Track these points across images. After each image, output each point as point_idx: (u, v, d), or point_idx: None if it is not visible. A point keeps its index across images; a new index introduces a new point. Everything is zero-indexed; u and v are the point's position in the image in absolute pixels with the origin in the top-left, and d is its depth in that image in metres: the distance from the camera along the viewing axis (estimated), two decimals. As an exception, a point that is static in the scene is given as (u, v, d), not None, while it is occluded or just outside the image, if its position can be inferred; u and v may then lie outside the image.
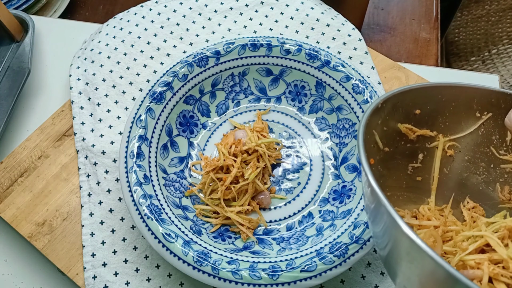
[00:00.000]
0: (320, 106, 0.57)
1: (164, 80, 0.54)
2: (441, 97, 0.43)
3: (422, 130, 0.44)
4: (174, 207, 0.50)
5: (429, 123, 0.44)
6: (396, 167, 0.44)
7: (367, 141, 0.40)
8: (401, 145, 0.44)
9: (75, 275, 0.51)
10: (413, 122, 0.43)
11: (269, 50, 0.57)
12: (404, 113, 0.43)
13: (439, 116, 0.44)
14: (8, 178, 0.57)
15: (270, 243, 0.50)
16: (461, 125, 0.44)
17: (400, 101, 0.42)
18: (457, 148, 0.45)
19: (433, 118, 0.44)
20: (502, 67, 0.96)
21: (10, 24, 0.65)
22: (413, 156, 0.45)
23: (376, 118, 0.40)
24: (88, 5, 0.86)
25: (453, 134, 0.45)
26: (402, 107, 0.42)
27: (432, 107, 0.43)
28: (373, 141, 0.41)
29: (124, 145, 0.50)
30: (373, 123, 0.40)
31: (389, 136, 0.42)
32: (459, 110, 0.44)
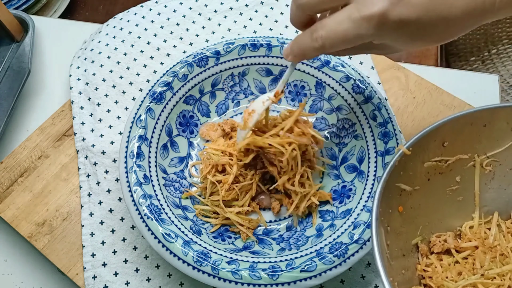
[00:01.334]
0: (320, 106, 0.57)
1: (164, 80, 0.54)
2: (471, 123, 0.43)
3: (454, 157, 0.44)
4: (174, 207, 0.50)
5: (461, 148, 0.44)
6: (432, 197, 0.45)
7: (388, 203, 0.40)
8: (434, 176, 0.44)
9: (75, 275, 0.51)
10: (442, 154, 0.43)
11: (269, 50, 0.57)
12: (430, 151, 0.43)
13: (471, 139, 0.44)
14: (8, 178, 0.57)
15: (270, 243, 0.50)
16: (497, 141, 0.45)
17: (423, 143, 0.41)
18: (497, 162, 0.46)
19: (464, 143, 0.44)
20: (501, 67, 0.96)
21: (10, 24, 0.65)
22: (450, 180, 0.45)
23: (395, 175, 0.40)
24: (88, 5, 0.87)
25: (489, 151, 0.45)
26: (427, 147, 0.42)
27: (461, 135, 0.43)
28: (398, 192, 0.41)
29: (124, 145, 0.51)
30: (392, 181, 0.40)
31: (417, 176, 0.42)
32: (492, 129, 0.44)
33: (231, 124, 0.56)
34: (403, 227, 0.42)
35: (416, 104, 0.61)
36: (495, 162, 0.45)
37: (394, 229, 0.40)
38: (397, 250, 0.41)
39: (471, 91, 0.62)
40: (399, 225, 0.41)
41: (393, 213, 0.41)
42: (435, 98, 0.61)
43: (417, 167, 0.42)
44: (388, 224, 0.39)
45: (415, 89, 0.62)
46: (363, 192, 0.50)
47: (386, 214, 0.39)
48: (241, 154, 0.51)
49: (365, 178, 0.50)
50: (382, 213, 0.39)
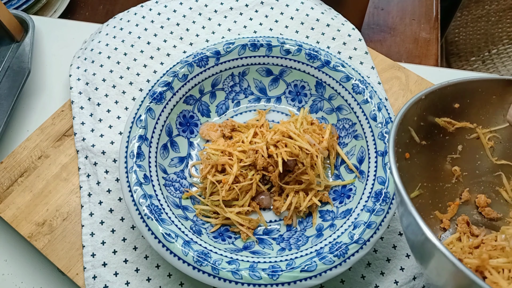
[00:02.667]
0: (320, 106, 0.57)
1: (164, 80, 0.54)
2: (481, 90, 0.44)
3: (461, 122, 0.45)
4: (174, 207, 0.50)
5: (469, 116, 0.45)
6: (434, 158, 0.45)
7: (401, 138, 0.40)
8: (439, 138, 0.45)
9: (75, 275, 0.51)
10: (452, 116, 0.44)
11: (269, 50, 0.57)
12: (442, 108, 0.44)
13: (479, 109, 0.45)
14: (8, 178, 0.57)
15: (270, 243, 0.50)
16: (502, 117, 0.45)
17: (438, 97, 0.42)
18: (498, 139, 0.46)
19: (473, 111, 0.45)
20: (502, 67, 0.96)
21: (10, 24, 0.65)
22: (452, 148, 0.46)
23: (412, 115, 0.41)
24: (88, 5, 0.87)
25: (493, 126, 0.46)
26: (440, 102, 0.43)
27: (472, 100, 0.44)
28: (408, 137, 0.42)
29: (124, 145, 0.50)
30: (409, 120, 0.41)
31: (426, 130, 0.43)
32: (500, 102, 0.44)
33: (231, 125, 0.56)
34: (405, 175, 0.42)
35: (416, 104, 0.61)
36: (497, 138, 0.46)
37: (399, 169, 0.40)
38: None
39: (471, 91, 0.62)
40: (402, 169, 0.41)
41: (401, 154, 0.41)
42: (435, 98, 0.61)
43: (428, 119, 0.43)
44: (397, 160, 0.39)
45: (415, 89, 0.62)
46: (363, 192, 0.50)
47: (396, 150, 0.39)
48: (241, 154, 0.51)
49: (365, 178, 0.50)
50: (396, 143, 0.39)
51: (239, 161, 0.51)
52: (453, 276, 0.30)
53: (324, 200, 0.52)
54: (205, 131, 0.56)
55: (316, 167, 0.51)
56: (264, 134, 0.53)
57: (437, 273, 0.33)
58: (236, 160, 0.51)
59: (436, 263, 0.32)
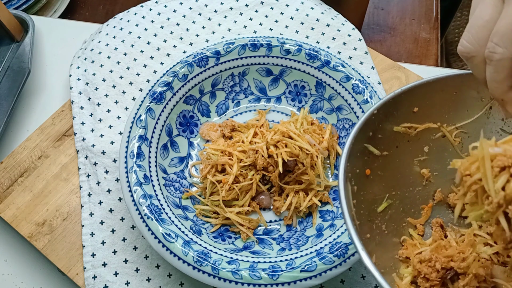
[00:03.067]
0: (320, 106, 0.57)
1: (164, 80, 0.54)
2: (440, 89, 0.42)
3: (424, 124, 0.43)
4: (174, 207, 0.50)
5: (431, 116, 0.43)
6: (400, 165, 0.44)
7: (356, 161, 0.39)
8: (403, 144, 0.43)
9: (75, 275, 0.51)
10: (412, 120, 0.43)
11: (269, 50, 0.57)
12: (400, 115, 0.42)
13: (441, 108, 0.43)
14: (8, 178, 0.57)
15: (270, 243, 0.50)
16: (466, 111, 0.43)
17: (393, 106, 0.41)
18: (465, 134, 0.44)
19: (434, 111, 0.43)
20: (502, 67, 0.96)
21: (10, 24, 0.65)
22: (418, 151, 0.44)
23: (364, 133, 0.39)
24: (88, 5, 0.86)
25: (459, 122, 0.44)
26: (397, 111, 0.41)
27: (432, 101, 0.42)
28: (367, 153, 0.40)
29: (124, 145, 0.50)
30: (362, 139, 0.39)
31: (386, 140, 0.42)
32: (462, 98, 0.42)
33: (231, 125, 0.56)
34: (369, 191, 0.40)
35: (416, 104, 0.61)
36: (464, 134, 0.44)
37: (360, 190, 0.39)
38: (362, 213, 0.39)
39: (471, 91, 0.62)
40: (365, 188, 0.40)
41: (361, 174, 0.39)
42: (435, 98, 0.61)
43: (386, 130, 0.41)
44: (355, 183, 0.38)
45: (415, 89, 0.61)
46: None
47: (353, 173, 0.38)
48: (241, 154, 0.51)
49: (365, 178, 0.50)
50: (350, 169, 0.37)
51: (239, 161, 0.51)
52: None
53: (324, 200, 0.52)
54: (205, 131, 0.56)
55: (316, 167, 0.51)
56: (264, 134, 0.53)
57: None
58: (236, 160, 0.51)
59: None
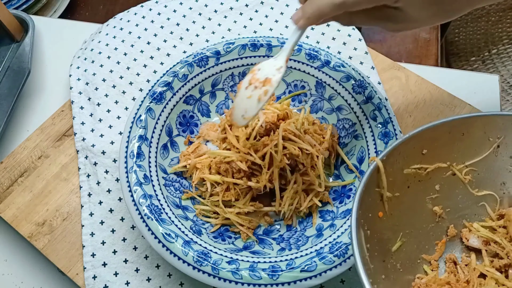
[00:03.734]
0: (320, 106, 0.57)
1: (164, 80, 0.54)
2: (448, 131, 0.43)
3: (434, 165, 0.44)
4: (174, 207, 0.50)
5: (440, 156, 0.44)
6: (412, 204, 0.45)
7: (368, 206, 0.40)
8: (414, 184, 0.44)
9: (75, 275, 0.51)
10: (422, 161, 0.44)
11: (269, 50, 0.57)
12: (410, 158, 0.43)
13: (449, 148, 0.44)
14: (8, 178, 0.57)
15: (270, 243, 0.50)
16: (474, 150, 0.45)
17: (401, 151, 0.42)
18: (475, 171, 0.46)
19: (443, 151, 0.44)
20: (502, 67, 0.96)
21: (10, 24, 0.65)
22: (429, 189, 0.45)
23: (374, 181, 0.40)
24: (88, 5, 0.86)
25: (468, 160, 0.45)
26: (406, 155, 0.42)
27: (440, 143, 0.43)
28: (378, 197, 0.42)
29: (124, 145, 0.50)
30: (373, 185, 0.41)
31: (397, 182, 0.43)
32: (469, 138, 0.44)
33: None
34: (383, 232, 0.42)
35: (416, 104, 0.61)
36: (473, 171, 0.46)
37: (373, 233, 0.40)
38: (377, 255, 0.41)
39: (471, 91, 0.62)
40: (379, 230, 0.41)
41: (373, 217, 0.41)
42: (435, 98, 0.61)
43: (397, 173, 0.42)
44: (368, 227, 0.39)
45: (415, 89, 0.62)
46: None
47: (366, 218, 0.39)
48: (244, 157, 0.51)
49: (365, 178, 0.50)
50: (362, 216, 0.39)
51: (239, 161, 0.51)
52: None
53: (324, 200, 0.52)
54: (205, 131, 0.56)
55: (317, 167, 0.51)
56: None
57: None
58: (236, 160, 0.51)
59: None
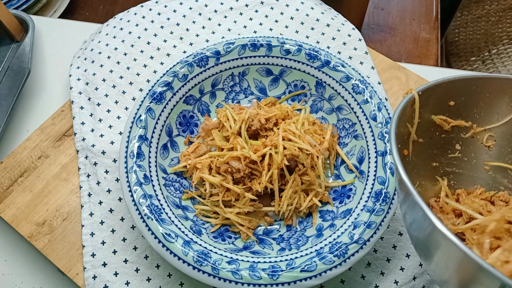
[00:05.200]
0: (320, 106, 0.57)
1: (164, 80, 0.54)
2: (476, 88, 0.44)
3: (457, 120, 0.45)
4: (174, 207, 0.50)
5: (463, 114, 0.45)
6: (431, 157, 0.46)
7: (399, 134, 0.41)
8: (436, 136, 0.45)
9: (75, 275, 0.51)
10: (447, 113, 0.45)
11: (269, 50, 0.57)
12: (438, 105, 0.44)
13: (474, 107, 0.45)
14: (8, 178, 0.57)
15: (270, 243, 0.50)
16: (495, 115, 0.46)
17: (434, 94, 0.43)
18: (492, 137, 0.47)
19: (467, 109, 0.45)
20: (502, 67, 0.96)
21: (10, 24, 0.65)
22: (449, 146, 0.46)
23: (409, 111, 0.41)
24: (88, 5, 0.87)
25: (488, 124, 0.46)
26: (436, 99, 0.43)
27: (467, 98, 0.45)
28: (406, 133, 0.42)
29: (124, 145, 0.51)
30: (406, 116, 0.41)
31: (423, 127, 0.44)
32: (493, 101, 0.45)
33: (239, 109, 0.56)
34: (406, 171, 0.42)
35: (416, 104, 0.61)
36: (491, 137, 0.47)
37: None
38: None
39: (471, 91, 0.62)
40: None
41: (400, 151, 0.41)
42: (435, 98, 0.61)
43: (424, 117, 0.43)
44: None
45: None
46: (363, 192, 0.50)
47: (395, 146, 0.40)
48: (243, 154, 0.51)
49: (365, 178, 0.50)
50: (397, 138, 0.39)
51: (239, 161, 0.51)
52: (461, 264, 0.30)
53: (324, 200, 0.52)
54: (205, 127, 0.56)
55: (317, 168, 0.51)
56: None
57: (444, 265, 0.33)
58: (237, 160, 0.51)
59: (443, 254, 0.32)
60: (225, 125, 0.53)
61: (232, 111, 0.54)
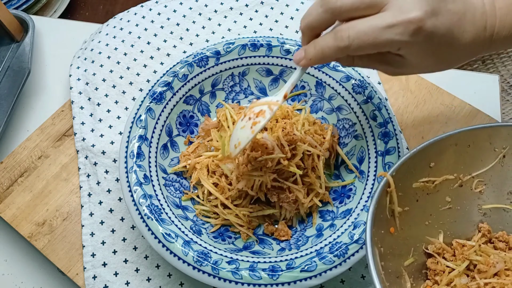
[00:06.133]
0: (320, 106, 0.57)
1: (164, 80, 0.54)
2: (455, 144, 0.44)
3: (441, 177, 0.45)
4: (174, 207, 0.50)
5: (447, 169, 0.45)
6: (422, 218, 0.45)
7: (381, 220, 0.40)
8: (423, 197, 0.45)
9: (75, 275, 0.51)
10: (429, 174, 0.44)
11: (269, 50, 0.57)
12: (417, 172, 0.43)
13: (456, 161, 0.45)
14: (8, 178, 0.57)
15: (270, 243, 0.50)
16: (481, 161, 0.45)
17: (410, 165, 0.42)
18: (482, 182, 0.46)
19: (450, 164, 0.45)
20: (502, 67, 0.97)
21: (10, 24, 0.65)
22: (438, 201, 0.46)
23: (385, 197, 0.41)
24: (88, 5, 0.87)
25: (474, 171, 0.46)
26: (414, 168, 0.43)
27: (447, 155, 0.44)
28: (389, 212, 0.42)
29: (124, 145, 0.51)
30: (384, 202, 0.41)
31: (406, 196, 0.43)
32: (475, 149, 0.45)
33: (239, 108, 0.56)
34: (395, 248, 0.42)
35: (416, 104, 0.61)
36: (481, 182, 0.46)
37: (386, 249, 0.41)
38: (391, 272, 0.41)
39: (471, 91, 0.62)
40: (392, 246, 0.42)
41: (386, 234, 0.41)
42: (435, 98, 0.61)
43: (405, 188, 0.43)
44: (381, 245, 0.40)
45: (415, 89, 0.62)
46: (363, 192, 0.50)
47: (379, 235, 0.40)
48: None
49: (365, 178, 0.50)
50: (375, 234, 0.39)
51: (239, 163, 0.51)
52: None
53: (324, 200, 0.52)
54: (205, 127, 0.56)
55: (317, 169, 0.51)
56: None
57: None
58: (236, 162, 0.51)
59: None
60: (224, 125, 0.53)
61: (232, 110, 0.54)
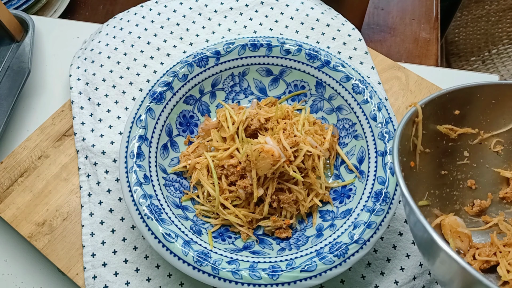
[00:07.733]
0: (320, 106, 0.57)
1: (164, 80, 0.54)
2: (480, 96, 0.44)
3: (463, 128, 0.45)
4: (174, 207, 0.50)
5: (469, 122, 0.46)
6: (439, 166, 0.46)
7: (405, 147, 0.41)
8: (443, 145, 0.45)
9: (75, 275, 0.51)
10: (453, 122, 0.45)
11: (269, 50, 0.57)
12: (442, 115, 0.44)
13: (479, 114, 0.45)
14: (8, 178, 0.57)
15: (270, 243, 0.50)
16: (502, 121, 0.46)
17: (437, 105, 0.43)
18: (501, 143, 0.47)
19: (473, 116, 0.45)
20: (502, 67, 0.96)
21: (10, 24, 0.65)
22: (457, 154, 0.46)
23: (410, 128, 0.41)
24: (88, 5, 0.86)
25: (495, 130, 0.46)
26: (441, 110, 0.44)
27: (471, 106, 0.45)
28: (412, 146, 0.43)
29: (124, 145, 0.50)
30: (411, 129, 0.41)
31: (429, 138, 0.44)
32: (499, 107, 0.45)
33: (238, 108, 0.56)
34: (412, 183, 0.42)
35: (416, 104, 0.61)
36: (500, 142, 0.47)
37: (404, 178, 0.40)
38: None
39: (471, 91, 0.62)
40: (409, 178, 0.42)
41: (407, 163, 0.41)
42: (435, 98, 0.61)
43: (429, 128, 0.43)
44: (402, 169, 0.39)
45: (415, 89, 0.62)
46: (363, 192, 0.50)
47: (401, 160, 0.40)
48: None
49: (365, 178, 0.50)
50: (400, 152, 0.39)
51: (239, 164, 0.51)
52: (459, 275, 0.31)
53: (324, 200, 0.52)
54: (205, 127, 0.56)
55: (318, 169, 0.51)
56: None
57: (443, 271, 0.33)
58: (237, 163, 0.51)
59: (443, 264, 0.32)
60: (223, 125, 0.53)
61: (232, 110, 0.54)
